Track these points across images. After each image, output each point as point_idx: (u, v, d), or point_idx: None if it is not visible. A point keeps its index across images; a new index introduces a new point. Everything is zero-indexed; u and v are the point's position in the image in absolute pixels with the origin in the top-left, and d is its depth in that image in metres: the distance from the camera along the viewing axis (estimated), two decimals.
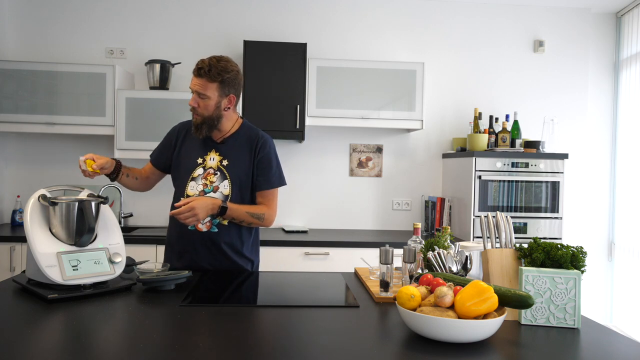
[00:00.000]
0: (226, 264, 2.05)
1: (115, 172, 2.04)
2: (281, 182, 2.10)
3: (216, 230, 2.02)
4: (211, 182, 2.01)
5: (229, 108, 2.03)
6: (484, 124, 3.71)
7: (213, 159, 2.04)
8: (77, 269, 1.59)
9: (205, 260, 2.04)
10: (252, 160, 2.04)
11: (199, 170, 2.04)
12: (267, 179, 2.05)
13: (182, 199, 2.04)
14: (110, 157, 2.01)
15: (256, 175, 2.04)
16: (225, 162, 2.03)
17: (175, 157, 2.13)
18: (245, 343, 1.27)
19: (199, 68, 1.95)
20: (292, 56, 3.47)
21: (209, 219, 2.01)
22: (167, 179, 3.75)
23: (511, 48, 3.95)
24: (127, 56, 3.77)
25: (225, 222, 2.02)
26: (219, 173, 2.02)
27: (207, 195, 2.00)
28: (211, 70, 1.93)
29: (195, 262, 2.04)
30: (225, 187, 2.01)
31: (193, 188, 2.03)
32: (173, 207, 2.09)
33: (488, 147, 3.53)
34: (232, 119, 2.09)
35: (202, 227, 2.02)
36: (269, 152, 2.07)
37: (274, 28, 3.83)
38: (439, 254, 1.62)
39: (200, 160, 2.05)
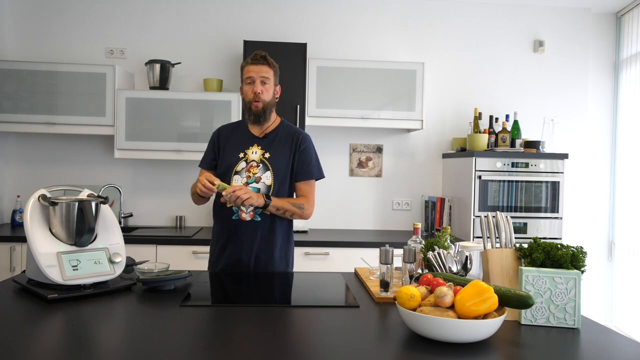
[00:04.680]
0: (264, 256, 2.12)
1: None
2: (320, 174, 2.21)
3: (259, 219, 2.10)
4: (254, 174, 2.10)
5: (277, 99, 2.21)
6: (484, 124, 3.72)
7: (255, 153, 2.14)
8: (77, 269, 1.59)
9: (247, 251, 2.10)
10: (293, 154, 2.15)
11: (242, 164, 2.13)
12: (306, 170, 2.16)
13: None
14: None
15: (297, 167, 2.15)
16: (267, 155, 2.13)
17: (220, 157, 2.21)
18: (245, 343, 1.27)
19: (261, 56, 2.12)
20: (292, 56, 3.47)
21: (252, 208, 2.08)
22: (162, 178, 3.72)
23: (511, 48, 3.95)
24: (127, 56, 3.77)
25: (283, 216, 2.11)
26: (261, 165, 2.11)
27: (250, 185, 2.09)
28: (267, 58, 2.13)
29: (237, 253, 2.10)
30: (267, 178, 2.10)
31: (237, 181, 2.11)
32: (216, 203, 2.18)
33: (488, 147, 3.53)
34: (274, 115, 2.22)
35: (246, 216, 2.09)
36: (309, 146, 2.22)
37: (274, 28, 3.83)
38: (439, 254, 1.62)
39: (242, 155, 2.14)
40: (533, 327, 1.40)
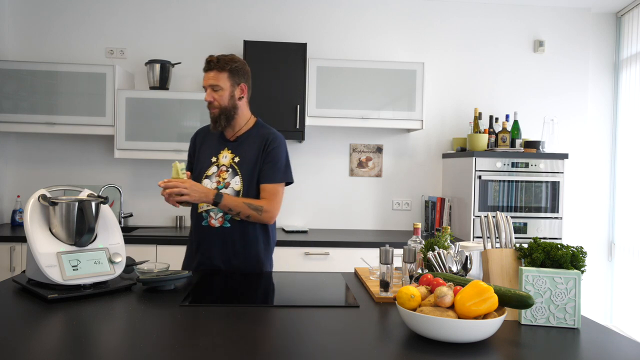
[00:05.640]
0: (237, 262, 2.07)
1: None
2: (286, 178, 2.10)
3: (229, 225, 2.05)
4: (223, 179, 2.06)
5: (242, 97, 2.10)
6: (484, 124, 3.71)
7: (226, 157, 2.09)
8: (77, 269, 1.59)
9: (218, 257, 2.06)
10: (260, 156, 2.07)
11: (213, 169, 2.09)
12: (271, 172, 2.06)
13: None
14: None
15: (261, 169, 2.06)
16: (237, 159, 2.08)
17: (195, 161, 2.19)
18: (245, 343, 1.27)
19: (208, 62, 2.04)
20: (292, 56, 3.47)
21: (221, 214, 2.04)
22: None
23: (511, 48, 3.95)
24: (127, 56, 3.77)
25: (238, 217, 2.04)
26: (230, 170, 2.07)
27: (220, 191, 2.03)
28: (219, 61, 2.04)
29: (209, 259, 2.07)
30: (236, 183, 2.04)
31: (207, 185, 2.06)
32: (192, 208, 2.14)
33: (488, 147, 3.53)
34: (245, 116, 2.13)
35: (215, 223, 2.05)
36: (278, 148, 2.09)
37: (274, 28, 3.83)
38: (439, 254, 1.62)
39: (214, 159, 2.11)
40: (533, 327, 1.40)
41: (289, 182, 2.13)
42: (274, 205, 2.05)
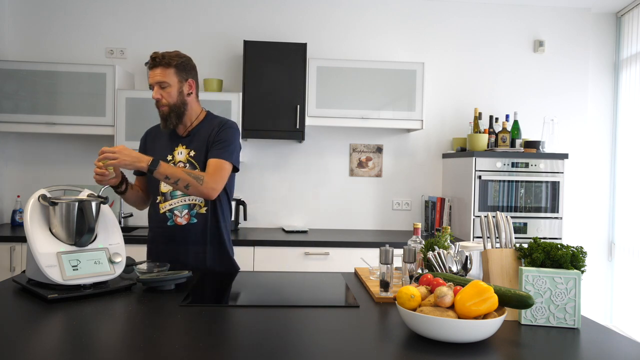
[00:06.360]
0: (210, 257, 2.07)
1: (124, 182, 2.04)
2: (231, 158, 2.02)
3: (196, 221, 2.04)
4: None
5: (191, 93, 2.07)
6: (484, 124, 3.71)
7: (181, 153, 2.07)
8: (77, 269, 1.59)
9: (191, 255, 2.05)
10: (210, 139, 2.03)
11: None
12: (217, 149, 2.01)
13: (158, 197, 2.08)
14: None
15: (210, 149, 2.02)
16: (192, 153, 2.06)
17: None
18: (245, 343, 1.27)
19: (153, 59, 2.01)
20: (292, 56, 3.47)
21: (186, 210, 2.03)
22: None
23: (511, 48, 3.95)
24: (127, 56, 3.77)
25: (203, 211, 2.04)
26: (188, 165, 2.04)
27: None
28: (165, 57, 2.01)
29: (181, 258, 2.05)
30: None
31: (166, 185, 2.03)
32: (151, 211, 2.13)
33: (488, 147, 3.53)
34: (195, 111, 2.11)
35: (182, 221, 2.04)
36: (229, 130, 2.05)
37: (274, 28, 3.83)
38: (439, 254, 1.62)
39: (169, 157, 2.07)
40: (533, 327, 1.40)
41: (235, 167, 2.06)
42: (217, 179, 1.96)
